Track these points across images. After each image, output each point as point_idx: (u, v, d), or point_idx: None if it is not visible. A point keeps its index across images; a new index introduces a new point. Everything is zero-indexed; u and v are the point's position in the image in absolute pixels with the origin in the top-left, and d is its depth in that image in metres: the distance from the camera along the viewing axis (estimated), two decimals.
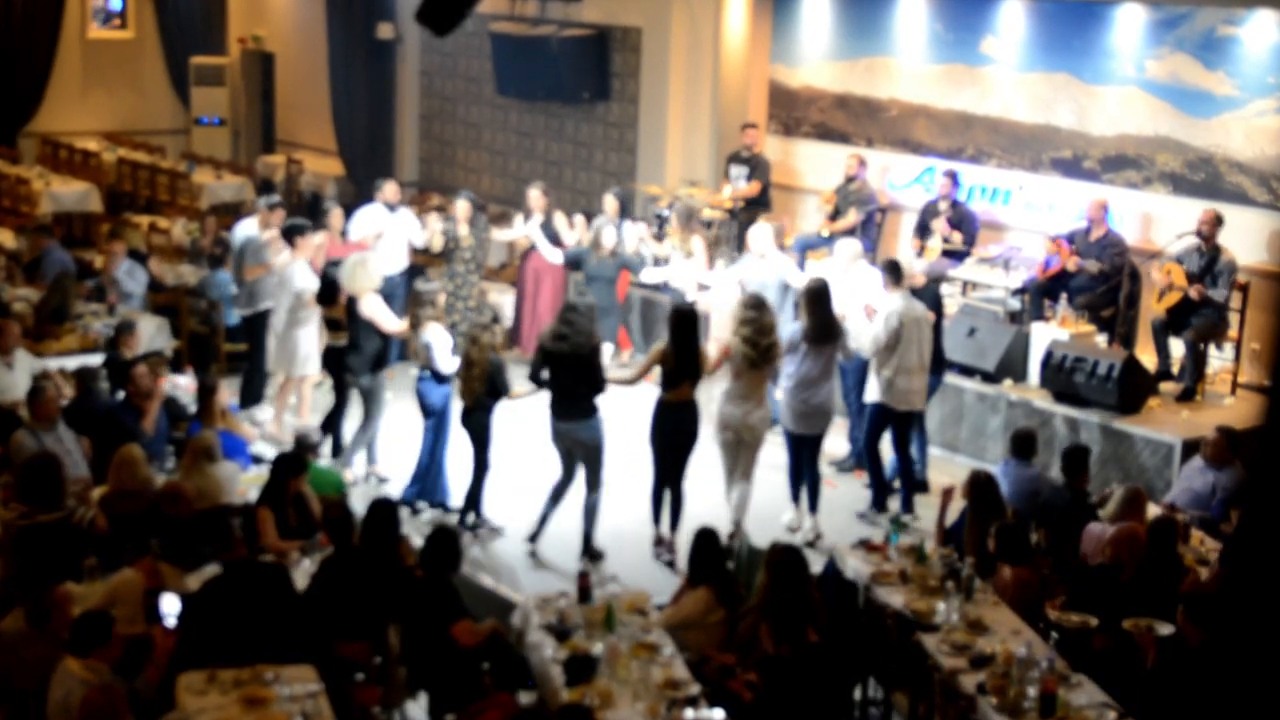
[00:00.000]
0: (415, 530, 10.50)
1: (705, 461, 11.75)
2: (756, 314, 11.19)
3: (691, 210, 15.95)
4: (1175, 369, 13.44)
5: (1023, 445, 10.86)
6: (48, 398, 10.85)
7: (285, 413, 13.45)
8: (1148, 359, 13.32)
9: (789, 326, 11.94)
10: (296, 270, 13.28)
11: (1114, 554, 9.04)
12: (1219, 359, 13.75)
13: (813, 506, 11.71)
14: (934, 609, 8.72)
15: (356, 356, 12.30)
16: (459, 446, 12.04)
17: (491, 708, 8.18)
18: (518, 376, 12.19)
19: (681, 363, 11.06)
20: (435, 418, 11.92)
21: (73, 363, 12.76)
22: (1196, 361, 13.14)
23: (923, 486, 12.46)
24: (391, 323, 12.33)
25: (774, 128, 18.33)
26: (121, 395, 11.80)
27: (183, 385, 13.00)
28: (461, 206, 15.30)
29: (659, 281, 15.19)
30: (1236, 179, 14.13)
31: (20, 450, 10.40)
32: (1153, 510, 10.24)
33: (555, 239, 15.48)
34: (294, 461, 10.22)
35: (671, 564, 11.07)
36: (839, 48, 17.58)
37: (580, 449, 11.15)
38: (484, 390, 11.36)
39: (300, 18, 23.89)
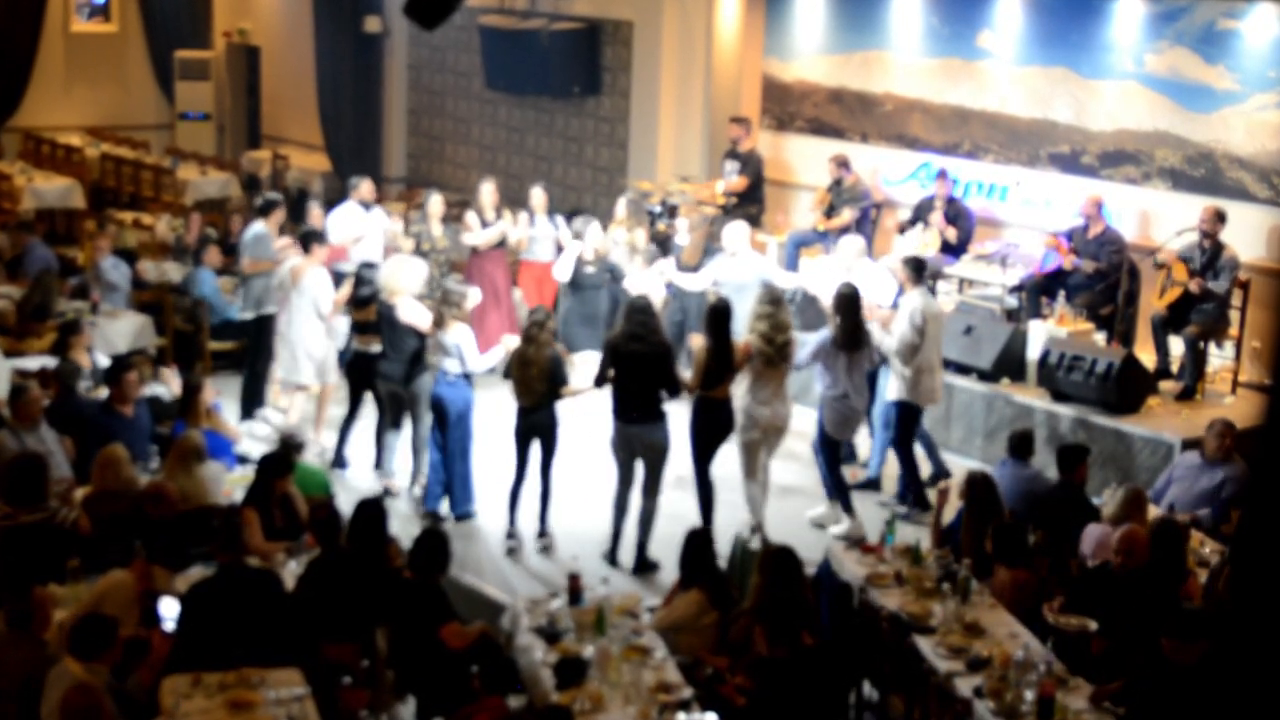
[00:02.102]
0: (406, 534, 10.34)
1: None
2: (773, 309, 11.15)
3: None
4: (1175, 367, 13.37)
5: (1020, 445, 10.80)
6: (30, 398, 10.76)
7: (322, 422, 13.17)
8: (1147, 357, 13.25)
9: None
10: (316, 279, 12.91)
11: (1123, 556, 8.90)
12: (1219, 357, 13.66)
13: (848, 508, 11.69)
14: (930, 611, 8.69)
15: (395, 362, 11.94)
16: (497, 451, 11.97)
17: (481, 711, 8.14)
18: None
19: (721, 359, 10.99)
20: (457, 422, 11.56)
21: (56, 361, 12.56)
22: (1196, 360, 13.06)
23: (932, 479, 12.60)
24: (431, 325, 11.91)
25: (767, 122, 18.23)
26: (105, 395, 11.63)
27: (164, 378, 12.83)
28: (434, 204, 15.10)
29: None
30: (1237, 174, 14.04)
31: (2, 451, 10.27)
32: (1154, 512, 10.12)
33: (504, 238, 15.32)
34: (280, 461, 10.12)
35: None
36: (833, 41, 17.49)
37: (650, 453, 10.97)
38: (546, 389, 11.09)
39: (286, 11, 23.78)
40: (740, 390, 11.30)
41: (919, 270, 11.97)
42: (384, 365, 12.03)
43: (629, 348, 10.85)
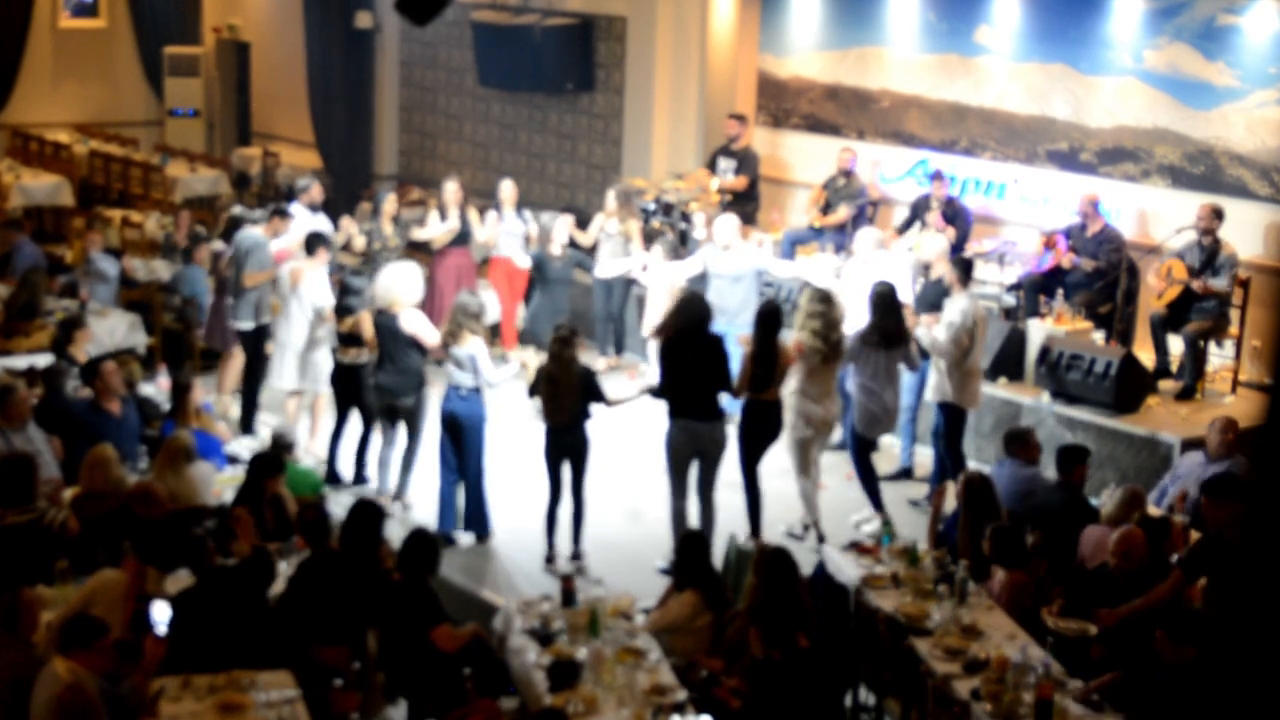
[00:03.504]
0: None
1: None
2: (825, 308, 11.16)
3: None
4: (1174, 366, 13.28)
5: (1017, 444, 10.62)
6: (19, 397, 10.68)
7: (316, 431, 12.84)
8: (1146, 356, 13.16)
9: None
10: (315, 283, 12.64)
11: (1119, 558, 8.84)
12: (1219, 356, 13.58)
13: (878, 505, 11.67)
14: (926, 613, 8.67)
15: (395, 375, 11.59)
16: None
17: (473, 714, 8.11)
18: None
19: (765, 362, 10.92)
20: (473, 438, 11.22)
21: (44, 360, 12.48)
22: (1196, 358, 12.96)
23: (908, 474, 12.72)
24: (436, 337, 11.55)
25: (763, 119, 18.13)
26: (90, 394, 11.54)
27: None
28: (388, 202, 14.95)
29: (618, 274, 14.98)
30: (1237, 172, 13.97)
31: None
32: (1155, 514, 10.03)
33: (467, 235, 15.20)
34: (271, 462, 10.04)
35: None
36: (829, 37, 17.39)
37: (713, 448, 10.85)
38: (579, 406, 10.84)
39: (276, 6, 23.66)
40: (789, 388, 11.24)
41: (968, 271, 11.93)
42: (381, 378, 11.69)
43: (689, 343, 10.74)
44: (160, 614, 7.99)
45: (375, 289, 11.82)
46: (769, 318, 11.03)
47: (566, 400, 10.77)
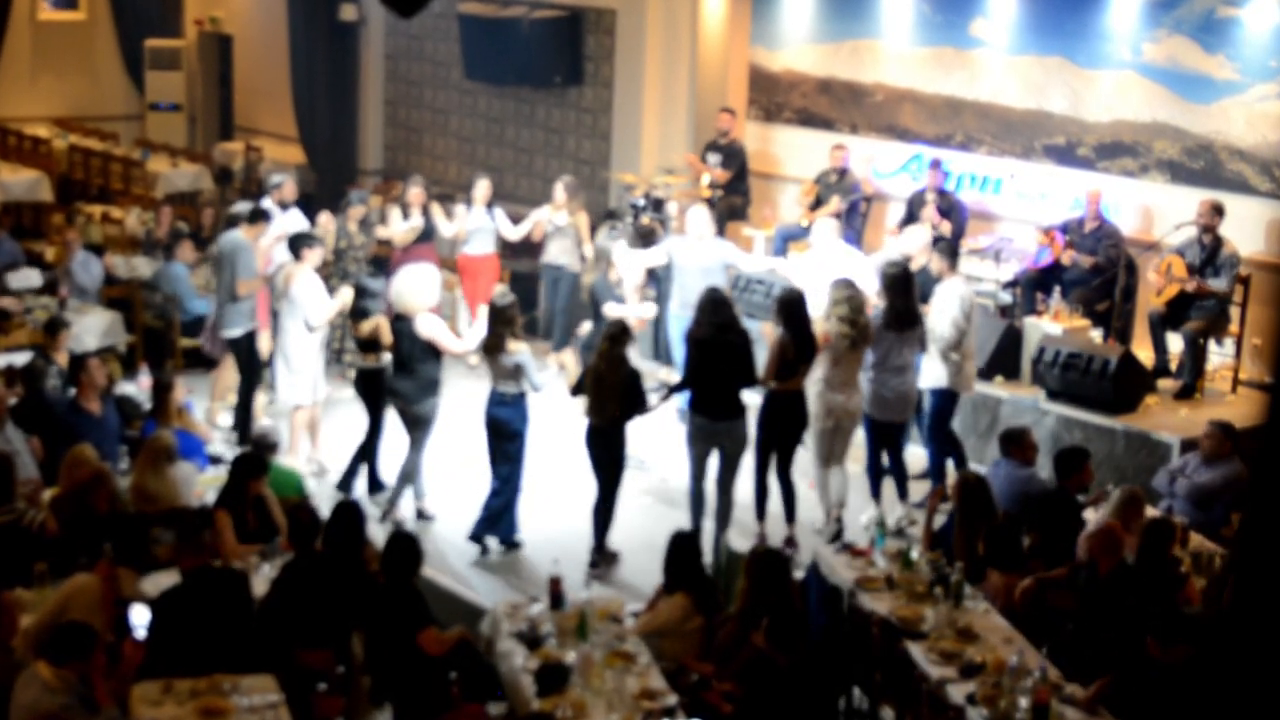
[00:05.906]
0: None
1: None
2: (850, 291, 11.14)
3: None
4: (1173, 365, 13.21)
5: (1013, 444, 10.58)
6: None
7: (315, 440, 12.57)
8: (1144, 354, 13.09)
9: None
10: (306, 285, 12.29)
11: (1087, 551, 8.88)
12: (1219, 354, 13.52)
13: (901, 494, 11.61)
14: (921, 616, 8.64)
15: (408, 381, 11.30)
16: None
17: (460, 719, 8.11)
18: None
19: (799, 351, 10.84)
20: (518, 444, 11.01)
21: (22, 358, 12.36)
22: (1196, 357, 12.89)
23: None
24: (453, 343, 11.39)
25: (754, 113, 18.04)
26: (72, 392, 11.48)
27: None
28: (357, 205, 14.77)
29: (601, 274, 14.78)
30: (1237, 167, 13.92)
31: None
32: (1152, 513, 9.95)
33: (431, 232, 15.06)
34: (254, 462, 9.95)
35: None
36: (822, 30, 17.30)
37: (732, 445, 10.79)
38: (621, 407, 10.70)
39: None
40: (813, 377, 11.12)
41: (954, 256, 11.95)
42: (396, 383, 11.42)
43: (721, 339, 10.65)
44: (139, 617, 7.95)
45: (391, 293, 11.62)
46: (794, 304, 10.93)
47: (610, 399, 10.66)
